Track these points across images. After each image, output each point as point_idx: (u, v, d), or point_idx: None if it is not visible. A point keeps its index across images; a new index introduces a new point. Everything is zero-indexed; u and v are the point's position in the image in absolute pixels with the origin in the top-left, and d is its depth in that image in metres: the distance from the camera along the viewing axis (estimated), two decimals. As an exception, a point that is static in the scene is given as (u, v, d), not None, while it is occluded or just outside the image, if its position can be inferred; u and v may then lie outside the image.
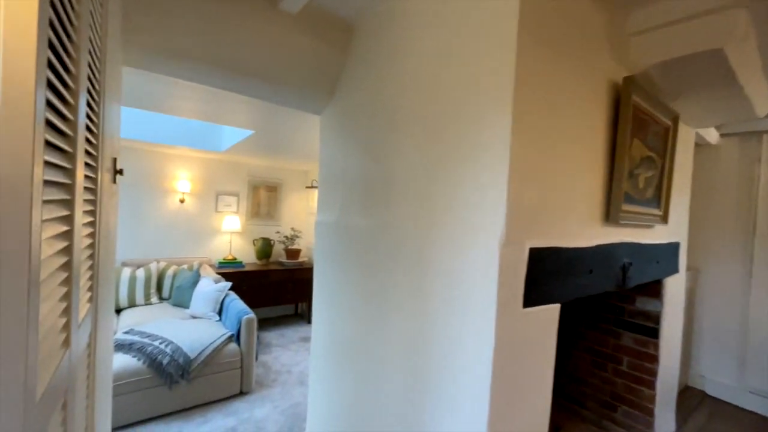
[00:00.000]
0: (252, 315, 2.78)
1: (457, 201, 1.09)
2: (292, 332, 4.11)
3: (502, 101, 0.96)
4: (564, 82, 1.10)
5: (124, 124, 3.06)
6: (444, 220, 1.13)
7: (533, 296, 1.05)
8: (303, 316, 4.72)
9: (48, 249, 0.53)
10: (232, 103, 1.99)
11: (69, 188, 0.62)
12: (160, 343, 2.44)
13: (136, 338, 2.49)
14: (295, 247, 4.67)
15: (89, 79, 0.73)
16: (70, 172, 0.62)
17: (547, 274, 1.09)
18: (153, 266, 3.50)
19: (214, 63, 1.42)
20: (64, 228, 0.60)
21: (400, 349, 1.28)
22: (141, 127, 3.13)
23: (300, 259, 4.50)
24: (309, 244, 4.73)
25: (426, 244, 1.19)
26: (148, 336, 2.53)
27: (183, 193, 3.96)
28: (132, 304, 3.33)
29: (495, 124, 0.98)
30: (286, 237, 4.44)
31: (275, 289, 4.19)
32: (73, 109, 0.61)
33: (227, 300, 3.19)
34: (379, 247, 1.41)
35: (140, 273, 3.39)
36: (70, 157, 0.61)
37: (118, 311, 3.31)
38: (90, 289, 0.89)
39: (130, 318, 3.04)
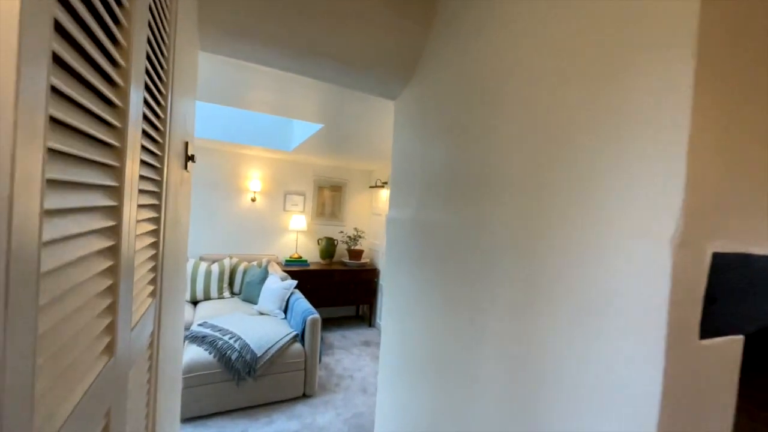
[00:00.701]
0: (316, 315, 2.70)
1: (589, 190, 0.81)
2: (353, 335, 4.01)
3: (677, 30, 0.66)
4: None
5: (201, 124, 3.24)
6: (568, 216, 0.85)
7: (714, 323, 0.72)
8: (364, 318, 4.61)
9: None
10: (302, 92, 1.91)
11: (116, 175, 0.49)
12: (230, 338, 2.46)
13: (208, 331, 2.54)
14: (358, 247, 4.59)
15: (150, 59, 0.62)
16: (116, 159, 0.49)
17: (732, 291, 0.75)
18: (226, 262, 3.64)
19: (287, 42, 1.31)
20: (110, 223, 0.47)
21: (499, 373, 1.02)
22: (217, 127, 3.28)
23: (362, 260, 4.40)
24: (372, 245, 4.62)
25: (538, 247, 0.92)
26: (219, 330, 2.57)
27: (254, 192, 4.10)
28: (207, 297, 3.49)
29: (664, 69, 0.68)
30: (350, 237, 4.38)
31: (338, 289, 4.13)
32: (123, 93, 0.48)
33: (293, 298, 3.17)
34: (469, 248, 1.16)
35: (215, 268, 3.54)
36: (115, 148, 0.49)
37: (195, 303, 3.49)
38: (153, 282, 0.79)
39: (205, 310, 3.17)
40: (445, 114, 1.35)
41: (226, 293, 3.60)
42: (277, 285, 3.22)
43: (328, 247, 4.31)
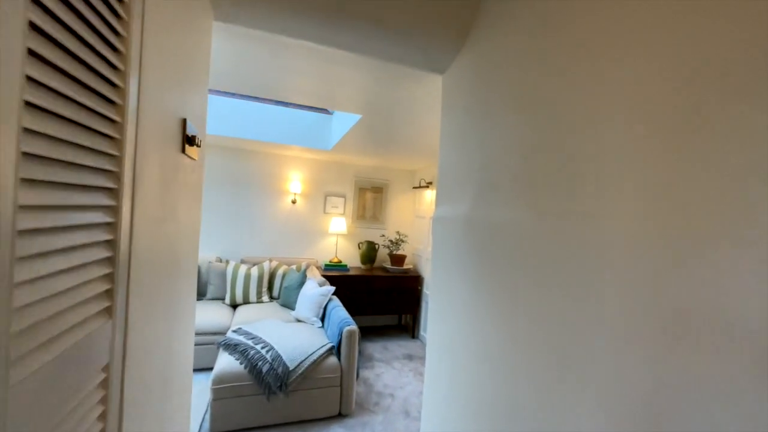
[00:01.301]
0: (354, 327, 2.46)
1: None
2: (395, 346, 3.72)
3: None
4: None
5: (240, 124, 3.18)
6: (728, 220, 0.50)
7: None
8: (407, 329, 4.31)
9: None
10: (340, 78, 1.69)
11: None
12: (262, 348, 2.29)
13: (242, 339, 2.41)
14: (400, 252, 4.31)
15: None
16: None
17: None
18: (266, 265, 3.55)
19: (313, 2, 1.08)
20: None
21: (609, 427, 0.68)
22: (257, 127, 3.20)
23: (405, 266, 4.11)
24: (415, 250, 4.32)
25: (672, 261, 0.57)
26: (253, 338, 2.42)
27: (294, 194, 4.00)
28: (246, 301, 3.41)
29: None
30: (391, 241, 4.12)
31: (379, 296, 3.88)
32: None
33: (330, 306, 2.97)
34: (554, 257, 0.83)
35: (254, 271, 3.46)
36: None
37: (234, 306, 3.43)
38: (107, 296, 0.57)
39: (243, 315, 3.07)
40: (514, 87, 1.03)
41: (265, 297, 3.51)
42: (314, 291, 3.04)
43: (369, 252, 4.08)
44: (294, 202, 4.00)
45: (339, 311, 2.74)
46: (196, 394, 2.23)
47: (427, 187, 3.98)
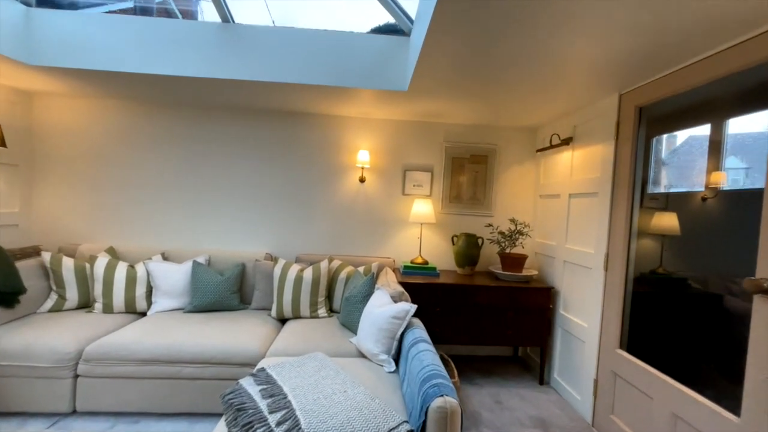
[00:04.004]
0: (453, 401, 1.21)
1: None
2: (514, 398, 2.35)
3: None
4: None
5: (276, 65, 2.12)
6: None
7: None
8: (528, 366, 2.86)
9: None
10: None
11: None
12: (278, 425, 1.23)
13: (253, 394, 1.40)
14: (517, 251, 2.89)
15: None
16: None
17: None
18: (323, 265, 2.55)
19: None
20: None
21: None
22: (310, 69, 2.19)
23: (526, 271, 2.69)
24: (543, 247, 2.84)
25: None
26: (272, 396, 1.39)
27: (363, 168, 2.93)
28: (296, 315, 2.47)
29: None
30: (503, 234, 2.73)
31: (485, 317, 2.55)
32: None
33: (410, 337, 1.79)
34: None
35: (308, 274, 2.49)
36: None
37: (284, 321, 2.52)
38: None
39: (286, 338, 2.11)
40: None
41: (322, 311, 2.51)
42: (384, 311, 1.89)
43: (469, 249, 2.77)
44: (362, 180, 2.93)
45: (426, 354, 1.53)
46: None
47: (566, 144, 2.48)
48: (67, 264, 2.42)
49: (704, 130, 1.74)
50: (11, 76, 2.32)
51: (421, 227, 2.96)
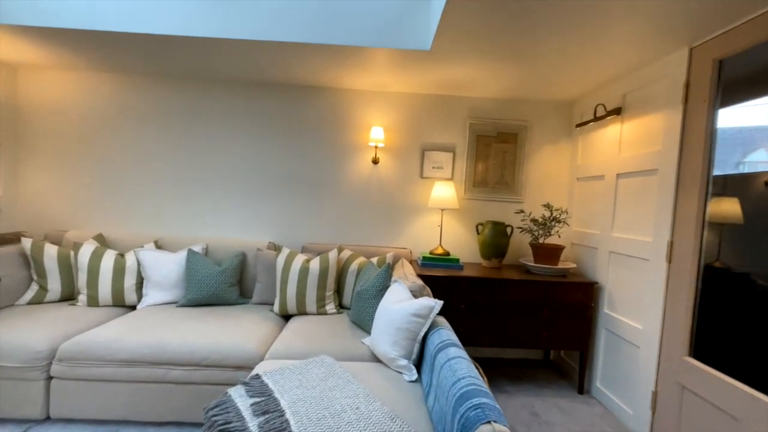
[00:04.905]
0: (505, 431, 0.90)
1: None
2: (552, 410, 2.02)
3: None
4: None
5: (279, 20, 1.77)
6: None
7: None
8: (563, 370, 2.53)
9: None
10: None
11: None
12: (270, 455, 0.94)
13: (245, 408, 1.12)
14: (551, 241, 2.56)
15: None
16: None
17: None
18: (332, 256, 2.26)
19: None
20: None
21: None
22: (308, 24, 1.88)
23: (562, 264, 2.35)
24: (581, 237, 2.49)
25: None
26: (265, 412, 1.11)
27: (376, 147, 2.62)
28: (302, 311, 2.18)
29: None
30: (536, 221, 2.39)
31: (515, 316, 2.22)
32: None
33: (435, 338, 1.48)
34: None
35: (314, 265, 2.20)
36: None
37: (287, 318, 2.24)
38: None
39: (289, 338, 1.83)
40: None
41: (330, 306, 2.22)
42: (402, 308, 1.58)
43: (496, 239, 2.44)
44: (376, 161, 2.62)
45: (458, 363, 1.22)
46: None
47: (616, 114, 2.12)
48: (50, 252, 2.18)
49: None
50: (-15, 41, 2.08)
51: (441, 214, 2.64)
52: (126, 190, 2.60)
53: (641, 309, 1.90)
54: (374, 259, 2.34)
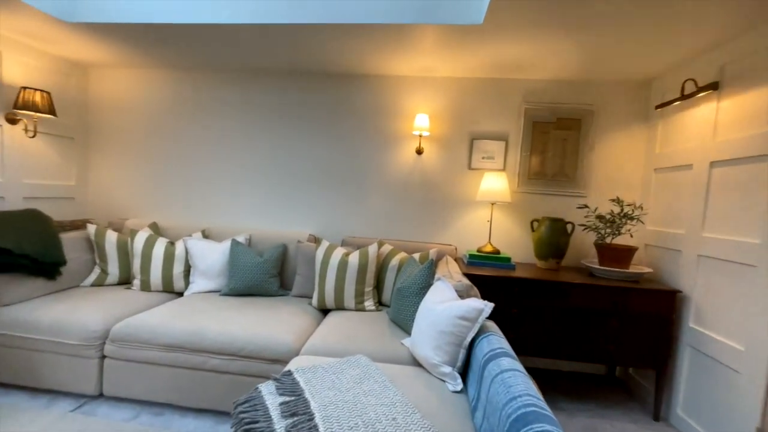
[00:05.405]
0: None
1: None
2: (621, 438, 1.74)
3: None
4: None
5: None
6: None
7: None
8: (632, 390, 2.20)
9: None
10: None
11: None
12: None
13: (273, 407, 1.04)
14: (620, 241, 2.23)
15: None
16: None
17: None
18: (372, 250, 2.16)
19: None
20: None
21: None
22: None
23: (634, 268, 2.03)
24: (660, 237, 2.14)
25: None
26: (294, 414, 1.02)
27: (421, 136, 2.47)
28: (339, 306, 2.11)
29: None
30: (602, 218, 2.09)
31: (578, 324, 1.96)
32: None
33: (484, 345, 1.30)
34: None
35: (353, 259, 2.11)
36: None
37: (326, 312, 2.18)
38: None
39: (325, 334, 1.76)
40: None
41: (368, 302, 2.12)
42: (446, 309, 1.42)
43: (554, 237, 2.18)
44: (420, 151, 2.47)
45: (513, 378, 1.03)
46: None
47: (712, 90, 1.77)
48: (111, 238, 2.32)
49: None
50: (55, 39, 2.23)
51: (491, 208, 2.42)
52: (180, 182, 2.72)
53: (743, 326, 1.55)
54: (416, 255, 2.20)
